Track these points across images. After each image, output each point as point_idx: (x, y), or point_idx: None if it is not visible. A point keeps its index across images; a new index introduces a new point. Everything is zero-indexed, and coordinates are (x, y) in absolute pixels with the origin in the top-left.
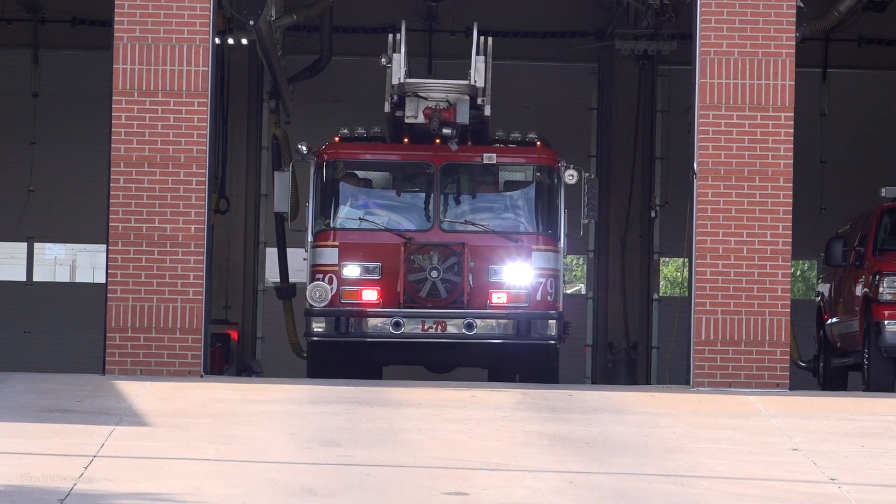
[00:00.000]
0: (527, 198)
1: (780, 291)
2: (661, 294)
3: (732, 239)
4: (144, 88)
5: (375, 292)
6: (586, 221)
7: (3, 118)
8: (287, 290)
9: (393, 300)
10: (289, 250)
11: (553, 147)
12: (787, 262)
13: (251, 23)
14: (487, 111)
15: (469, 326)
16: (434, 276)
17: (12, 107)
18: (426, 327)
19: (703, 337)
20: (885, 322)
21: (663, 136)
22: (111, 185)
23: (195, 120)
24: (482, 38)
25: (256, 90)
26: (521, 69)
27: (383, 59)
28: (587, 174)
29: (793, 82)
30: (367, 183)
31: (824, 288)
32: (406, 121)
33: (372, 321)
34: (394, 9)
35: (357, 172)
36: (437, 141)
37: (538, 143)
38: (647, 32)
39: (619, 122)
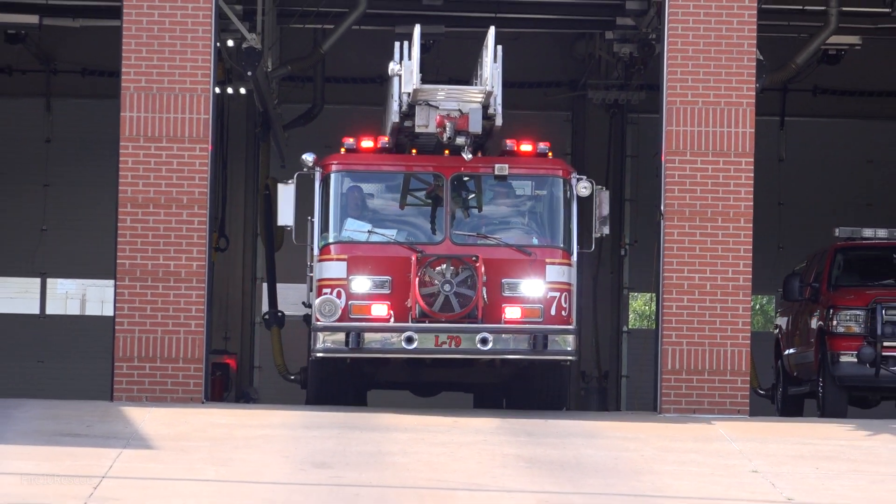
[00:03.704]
0: (540, 210)
1: (740, 324)
2: (630, 326)
3: (697, 275)
4: (150, 134)
5: (385, 307)
6: (598, 235)
7: (19, 162)
8: (275, 317)
9: (404, 315)
10: (281, 286)
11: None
12: (747, 297)
13: (249, 74)
14: (499, 121)
15: (483, 341)
16: (447, 289)
17: (27, 151)
18: (440, 342)
19: (670, 366)
20: (839, 353)
21: (632, 180)
22: (119, 224)
23: (197, 164)
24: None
25: (254, 136)
26: None
27: (393, 66)
28: (599, 187)
29: (753, 130)
30: (375, 194)
31: (782, 321)
32: (416, 130)
33: (383, 336)
34: (382, 60)
35: (364, 184)
36: (447, 151)
37: (550, 154)
38: (618, 83)
39: (591, 166)
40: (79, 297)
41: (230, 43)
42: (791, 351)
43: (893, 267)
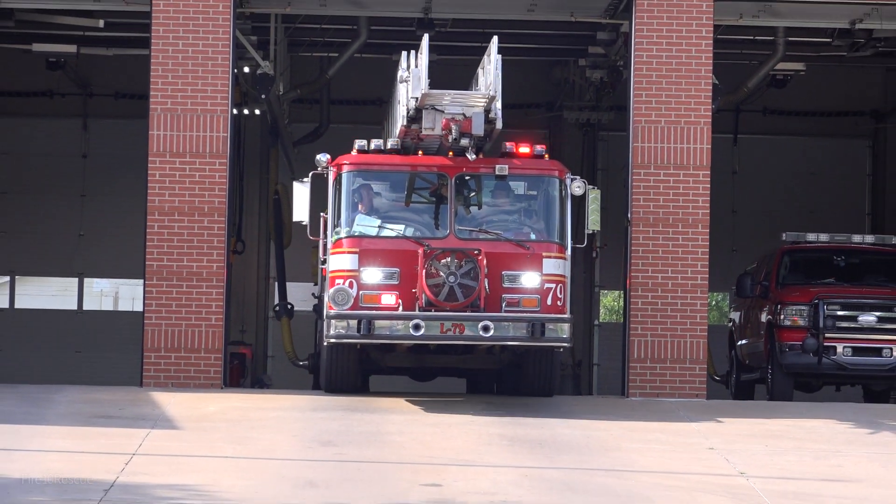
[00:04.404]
0: (537, 207)
1: (698, 318)
2: (601, 320)
3: (660, 275)
4: (175, 150)
5: (394, 296)
6: (590, 231)
7: (59, 175)
8: (285, 309)
9: (411, 304)
10: (289, 284)
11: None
12: (704, 294)
13: (263, 96)
14: (499, 124)
15: (485, 329)
16: (452, 281)
17: (66, 166)
18: (445, 329)
19: (636, 355)
20: (786, 343)
21: (603, 190)
22: (147, 230)
23: (217, 176)
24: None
25: (267, 151)
26: None
27: (402, 73)
28: (591, 187)
29: (709, 146)
30: (384, 192)
31: (735, 315)
32: (423, 132)
33: (392, 323)
34: (381, 84)
35: (375, 182)
36: (450, 153)
37: (546, 155)
38: (590, 105)
39: None
40: (112, 294)
41: (246, 69)
42: (743, 342)
43: (834, 267)
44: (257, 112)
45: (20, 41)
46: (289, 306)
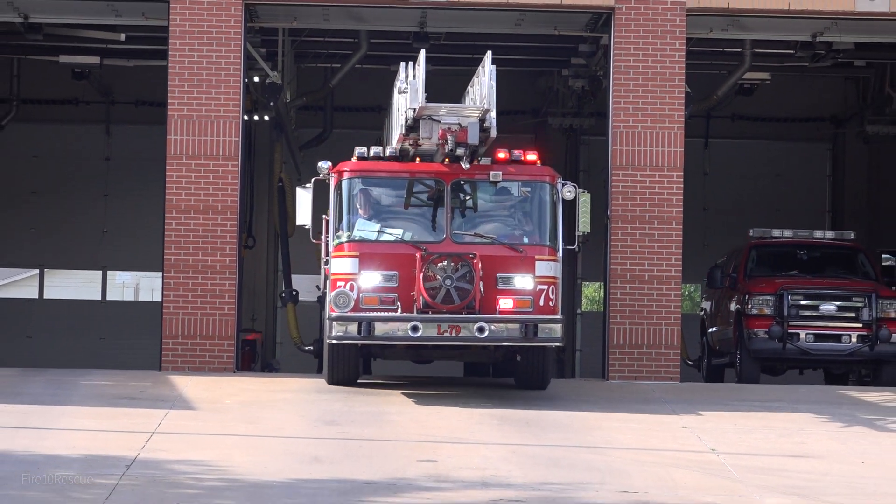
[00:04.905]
0: (530, 211)
1: (672, 307)
2: (583, 309)
3: (637, 267)
4: (191, 153)
5: (393, 298)
6: (580, 233)
7: (83, 177)
8: (290, 295)
9: (409, 306)
10: (295, 276)
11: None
12: (678, 285)
13: (271, 104)
14: (493, 133)
15: (481, 329)
16: (448, 283)
17: (90, 168)
18: (441, 331)
19: (615, 342)
20: (753, 331)
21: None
22: (166, 226)
23: (229, 177)
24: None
25: (275, 154)
26: None
27: (400, 85)
28: (581, 190)
29: (682, 149)
30: (384, 198)
31: (706, 305)
32: (421, 142)
33: (391, 325)
34: (380, 92)
35: (374, 188)
36: (447, 160)
37: (538, 162)
38: (572, 111)
39: None
40: (133, 286)
41: (256, 79)
42: (714, 329)
43: (797, 261)
44: (266, 118)
45: (48, 53)
46: (294, 293)
